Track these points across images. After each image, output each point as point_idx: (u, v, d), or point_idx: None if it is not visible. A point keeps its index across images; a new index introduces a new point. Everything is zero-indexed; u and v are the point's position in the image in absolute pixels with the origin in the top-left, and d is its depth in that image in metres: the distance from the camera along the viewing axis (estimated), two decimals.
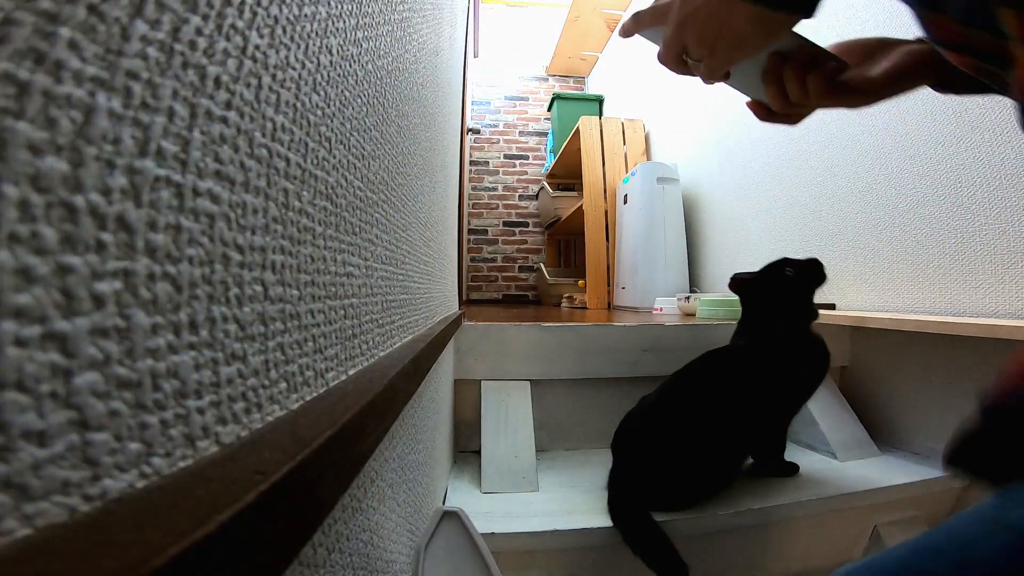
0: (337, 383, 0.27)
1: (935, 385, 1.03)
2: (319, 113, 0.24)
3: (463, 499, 0.82)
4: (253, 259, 0.18)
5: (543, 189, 3.34)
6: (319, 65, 0.24)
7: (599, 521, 0.74)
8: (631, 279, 2.23)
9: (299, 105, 0.22)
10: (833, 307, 1.28)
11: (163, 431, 0.14)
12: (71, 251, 0.11)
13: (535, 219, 3.65)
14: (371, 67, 0.34)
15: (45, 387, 0.10)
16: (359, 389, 0.26)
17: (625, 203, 2.34)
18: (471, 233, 3.55)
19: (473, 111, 3.59)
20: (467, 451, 1.04)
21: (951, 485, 0.92)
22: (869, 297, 1.21)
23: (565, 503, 0.81)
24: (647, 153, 2.65)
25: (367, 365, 0.33)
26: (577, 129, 2.63)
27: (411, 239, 0.52)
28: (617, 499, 0.75)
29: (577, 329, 1.08)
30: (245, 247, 0.18)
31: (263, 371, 0.19)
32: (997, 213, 0.93)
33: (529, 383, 1.05)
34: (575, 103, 3.27)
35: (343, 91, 0.28)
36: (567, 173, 3.19)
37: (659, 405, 0.81)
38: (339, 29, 0.27)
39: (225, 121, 0.16)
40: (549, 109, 3.47)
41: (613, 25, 3.09)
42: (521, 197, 3.67)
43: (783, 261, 0.88)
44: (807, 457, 1.01)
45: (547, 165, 3.44)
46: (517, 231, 3.63)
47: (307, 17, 0.23)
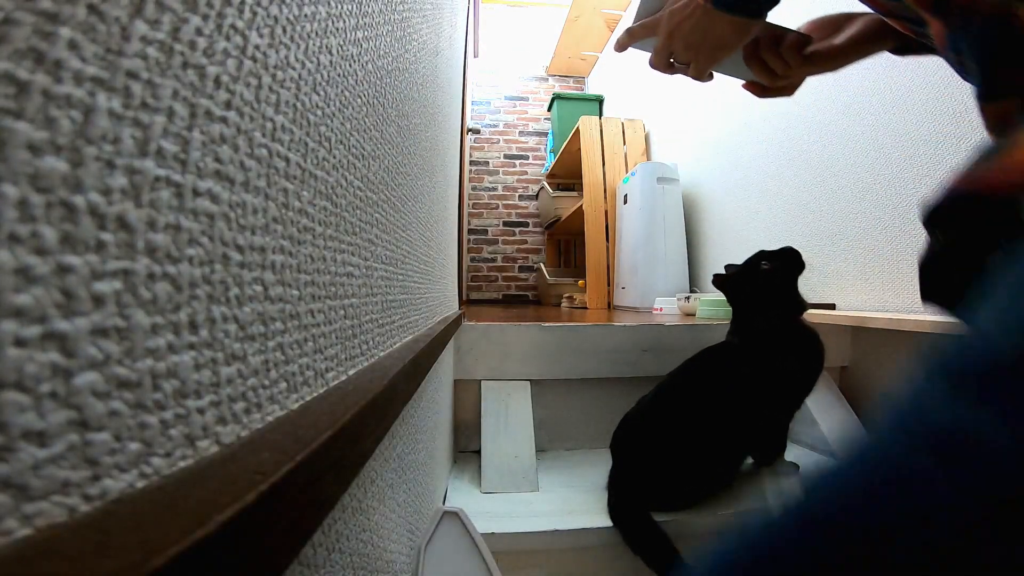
0: (337, 383, 0.27)
1: None
2: (319, 113, 0.24)
3: (463, 499, 0.82)
4: (253, 259, 0.18)
5: (543, 189, 3.34)
6: (319, 65, 0.24)
7: (599, 521, 0.74)
8: (631, 279, 2.23)
9: (299, 105, 0.22)
10: (833, 307, 1.28)
11: (163, 431, 0.14)
12: (71, 251, 0.11)
13: (535, 219, 3.65)
14: (371, 67, 0.34)
15: (45, 387, 0.10)
16: (359, 389, 0.26)
17: (625, 203, 2.34)
18: (471, 233, 3.55)
19: (473, 111, 3.59)
20: (467, 451, 1.04)
21: None
22: (869, 297, 1.21)
23: (565, 503, 0.81)
24: (647, 153, 2.65)
25: (367, 365, 0.33)
26: (577, 129, 2.63)
27: (411, 239, 0.52)
28: (617, 499, 0.75)
29: (577, 329, 1.08)
30: (245, 247, 0.18)
31: (263, 371, 0.19)
32: None
33: (529, 383, 1.05)
34: (575, 103, 3.27)
35: (343, 91, 0.28)
36: (567, 173, 3.19)
37: (656, 405, 0.81)
38: (339, 29, 0.27)
39: (225, 121, 0.16)
40: (549, 109, 3.46)
41: (613, 25, 3.09)
42: (521, 197, 3.67)
43: (759, 254, 0.88)
44: (807, 457, 1.01)
45: (547, 165, 3.44)
46: (517, 231, 3.63)
47: (307, 17, 0.23)
